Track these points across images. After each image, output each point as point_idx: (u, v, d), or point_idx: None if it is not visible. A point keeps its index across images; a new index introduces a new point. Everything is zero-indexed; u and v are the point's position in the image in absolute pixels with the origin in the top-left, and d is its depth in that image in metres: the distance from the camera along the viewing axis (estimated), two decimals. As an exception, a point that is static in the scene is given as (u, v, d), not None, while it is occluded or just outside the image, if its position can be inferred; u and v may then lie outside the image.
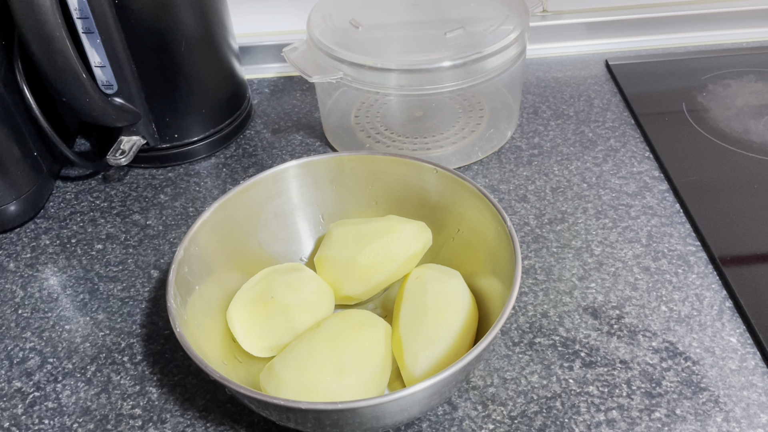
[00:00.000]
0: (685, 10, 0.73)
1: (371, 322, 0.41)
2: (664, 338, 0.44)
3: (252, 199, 0.45)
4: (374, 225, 0.45)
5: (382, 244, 0.44)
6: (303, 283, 0.43)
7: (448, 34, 0.55)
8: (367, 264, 0.44)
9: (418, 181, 0.47)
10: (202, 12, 0.56)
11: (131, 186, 0.60)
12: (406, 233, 0.45)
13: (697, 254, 0.49)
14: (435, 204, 0.47)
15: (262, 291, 0.43)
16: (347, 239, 0.45)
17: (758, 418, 0.39)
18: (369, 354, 0.39)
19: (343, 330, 0.39)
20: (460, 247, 0.46)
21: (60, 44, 0.47)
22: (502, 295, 0.40)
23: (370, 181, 0.48)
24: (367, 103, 0.66)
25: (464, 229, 0.46)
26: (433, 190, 0.46)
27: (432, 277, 0.43)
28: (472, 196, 0.44)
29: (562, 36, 0.74)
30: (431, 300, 0.41)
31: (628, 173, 0.57)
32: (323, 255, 0.46)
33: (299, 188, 0.48)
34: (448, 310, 0.41)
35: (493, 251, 0.42)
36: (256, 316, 0.42)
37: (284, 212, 0.48)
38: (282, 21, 0.73)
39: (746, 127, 0.61)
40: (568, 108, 0.65)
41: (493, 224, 0.42)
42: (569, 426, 0.39)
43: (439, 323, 0.40)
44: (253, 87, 0.72)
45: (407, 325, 0.41)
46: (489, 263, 0.43)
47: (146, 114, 0.57)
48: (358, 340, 0.39)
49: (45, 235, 0.55)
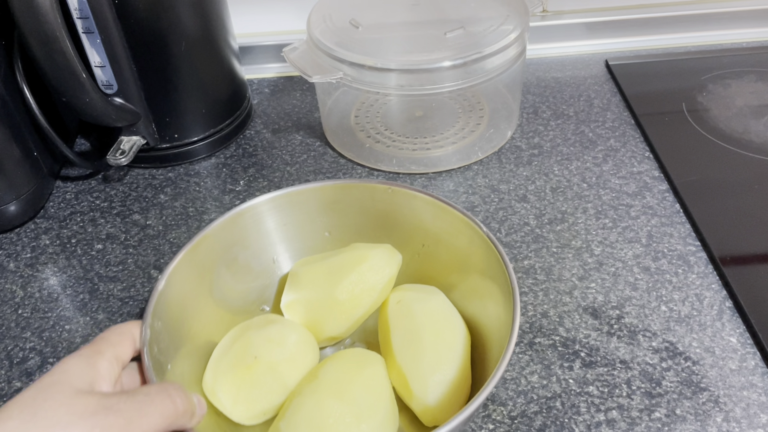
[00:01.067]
0: (685, 10, 0.73)
1: (368, 359, 0.39)
2: (664, 338, 0.44)
3: (201, 258, 0.41)
4: (342, 257, 0.43)
5: (358, 274, 0.42)
6: (284, 335, 0.40)
7: (448, 34, 0.55)
8: (347, 299, 0.41)
9: (372, 204, 0.45)
10: (202, 12, 0.56)
11: (131, 186, 0.60)
12: (377, 259, 0.43)
13: (697, 254, 0.49)
14: (393, 223, 0.45)
15: (242, 353, 0.39)
16: (317, 277, 0.43)
17: (758, 418, 0.39)
18: (377, 394, 0.37)
19: (344, 375, 0.37)
20: (427, 262, 0.45)
21: (60, 44, 0.47)
22: (492, 298, 0.39)
23: (320, 212, 0.46)
24: (367, 103, 0.66)
25: (429, 242, 0.45)
26: (390, 209, 0.45)
27: (414, 298, 0.42)
28: (435, 208, 0.43)
29: (562, 36, 0.74)
30: (422, 322, 0.40)
31: (628, 173, 0.57)
32: (294, 299, 0.43)
33: (246, 235, 0.44)
34: (443, 328, 0.40)
35: (467, 258, 0.42)
36: (241, 381, 0.38)
37: (236, 263, 0.44)
38: (282, 21, 0.73)
39: (746, 127, 0.61)
40: (568, 108, 0.65)
41: (465, 231, 0.42)
42: (569, 426, 0.39)
43: (438, 344, 0.39)
44: (253, 87, 0.72)
45: (405, 353, 0.39)
46: (464, 271, 0.43)
47: (146, 114, 0.57)
48: (363, 382, 0.37)
49: (45, 235, 0.55)
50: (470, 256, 0.42)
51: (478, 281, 0.42)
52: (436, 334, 0.39)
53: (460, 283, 0.43)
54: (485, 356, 0.40)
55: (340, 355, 0.40)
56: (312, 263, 0.44)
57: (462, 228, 0.42)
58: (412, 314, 0.40)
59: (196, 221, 0.55)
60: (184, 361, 0.38)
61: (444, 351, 0.39)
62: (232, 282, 0.44)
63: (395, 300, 0.42)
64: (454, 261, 0.43)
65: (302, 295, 0.43)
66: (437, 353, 0.38)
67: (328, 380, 0.37)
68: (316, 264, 0.44)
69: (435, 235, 0.44)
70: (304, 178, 0.59)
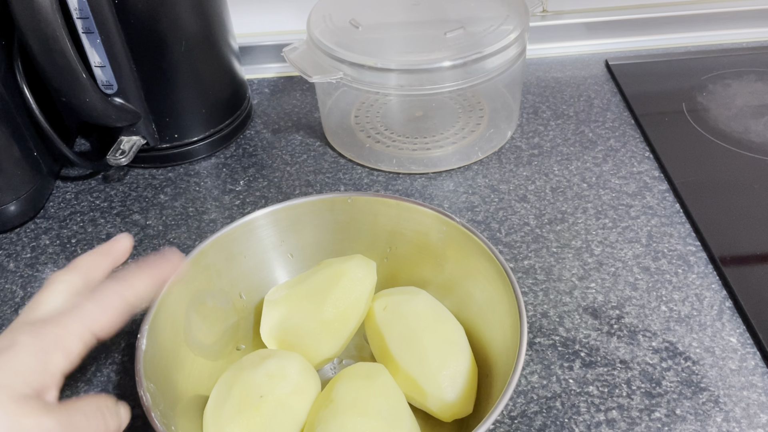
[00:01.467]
0: (685, 10, 0.73)
1: (374, 371, 0.38)
2: (664, 338, 0.44)
3: (173, 309, 0.39)
4: (318, 276, 0.42)
5: (341, 290, 0.41)
6: (284, 367, 0.38)
7: (448, 34, 0.55)
8: (334, 317, 0.40)
9: (332, 217, 0.44)
10: (202, 12, 0.56)
11: (131, 186, 0.60)
12: (356, 270, 0.41)
13: (697, 254, 0.49)
14: (356, 233, 0.45)
15: (245, 395, 0.37)
16: (297, 301, 0.41)
17: (758, 418, 0.39)
18: (395, 402, 0.37)
19: (359, 392, 0.36)
20: (397, 264, 0.45)
21: (60, 44, 0.47)
22: (478, 288, 0.40)
23: (280, 236, 0.45)
24: (367, 103, 0.66)
25: (396, 244, 0.44)
26: (350, 219, 0.44)
27: (400, 301, 0.41)
28: (400, 209, 0.43)
29: (562, 36, 0.74)
30: (415, 322, 0.39)
31: (628, 173, 0.57)
32: (279, 329, 0.41)
33: (209, 274, 0.42)
34: (437, 323, 0.40)
35: (442, 252, 0.42)
36: (252, 425, 0.36)
37: (205, 307, 0.41)
38: (282, 21, 0.73)
39: (746, 127, 0.61)
40: (568, 108, 0.65)
41: (435, 225, 0.42)
42: (569, 426, 0.39)
43: (438, 339, 0.39)
44: (253, 87, 0.72)
45: (407, 357, 0.39)
46: (439, 266, 0.43)
47: (146, 114, 0.57)
48: (379, 394, 0.36)
49: (45, 235, 0.55)
50: (445, 250, 0.42)
51: (458, 271, 0.42)
52: (433, 330, 0.39)
53: (435, 279, 0.44)
54: (482, 342, 0.40)
55: (346, 374, 0.38)
56: (287, 289, 0.43)
57: (431, 223, 0.42)
58: (403, 317, 0.40)
59: (196, 221, 0.55)
60: (183, 420, 0.36)
61: (446, 345, 0.39)
62: (204, 327, 0.41)
63: (381, 307, 0.42)
64: (428, 258, 0.43)
65: (288, 323, 0.41)
66: (440, 349, 0.39)
67: (345, 401, 0.36)
68: (292, 289, 0.42)
69: (402, 236, 0.44)
70: (304, 179, 0.59)
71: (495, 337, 0.39)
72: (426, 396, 0.38)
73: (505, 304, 0.38)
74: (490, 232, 0.52)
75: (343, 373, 0.39)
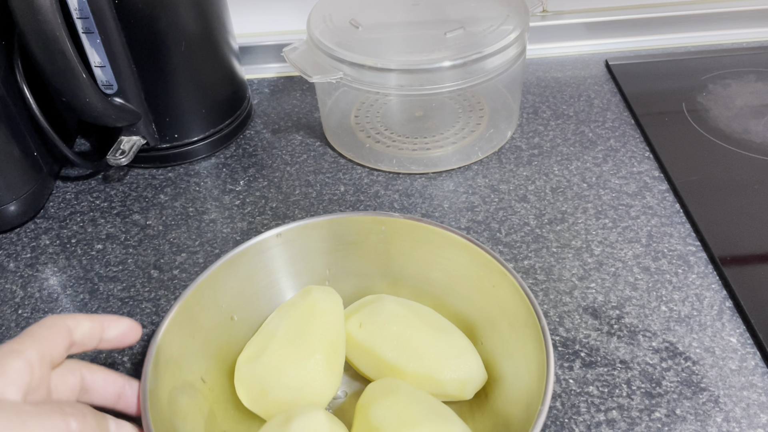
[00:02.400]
0: (685, 10, 0.73)
1: (391, 385, 0.37)
2: (664, 338, 0.44)
3: (158, 397, 0.35)
4: (286, 321, 0.40)
5: (319, 325, 0.39)
6: (313, 425, 0.35)
7: (448, 34, 0.55)
8: (326, 354, 0.38)
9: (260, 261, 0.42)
10: (202, 12, 0.56)
11: (131, 186, 0.60)
12: (322, 300, 0.40)
13: (697, 254, 0.49)
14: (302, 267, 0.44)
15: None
16: (280, 355, 0.38)
17: (758, 419, 0.39)
18: (430, 403, 0.36)
19: (395, 409, 0.35)
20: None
21: (60, 44, 0.47)
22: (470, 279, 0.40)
23: (220, 302, 0.41)
24: (367, 103, 0.66)
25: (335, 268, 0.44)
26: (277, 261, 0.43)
27: (370, 312, 0.41)
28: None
29: (562, 36, 0.74)
30: (397, 324, 0.39)
31: (628, 173, 0.57)
32: (272, 391, 0.38)
33: (170, 369, 0.37)
34: (417, 315, 0.40)
35: (375, 249, 0.43)
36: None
37: (179, 406, 0.36)
38: (282, 21, 0.73)
39: (746, 127, 0.61)
40: (568, 108, 0.65)
41: (373, 226, 0.42)
42: (569, 426, 0.39)
43: (427, 329, 0.39)
44: (253, 87, 0.72)
45: (407, 357, 0.38)
46: (380, 263, 0.43)
47: (146, 114, 0.57)
48: (413, 403, 0.36)
49: (45, 235, 0.55)
50: (378, 247, 0.42)
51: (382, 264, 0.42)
52: (417, 324, 0.40)
53: (380, 273, 0.44)
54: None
55: (369, 399, 0.37)
56: (256, 348, 0.39)
57: (370, 225, 0.42)
58: (383, 325, 0.40)
59: (196, 221, 0.55)
60: None
61: (436, 331, 0.39)
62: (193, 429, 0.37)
63: (356, 325, 0.41)
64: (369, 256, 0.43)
65: (278, 380, 0.38)
66: (433, 336, 0.39)
67: (390, 422, 0.35)
68: (263, 345, 0.39)
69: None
70: (304, 178, 0.59)
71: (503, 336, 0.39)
72: (443, 384, 0.38)
73: (526, 316, 0.37)
74: (490, 232, 0.52)
75: (363, 400, 0.37)
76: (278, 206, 0.56)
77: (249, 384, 0.39)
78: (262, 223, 0.55)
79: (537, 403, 0.32)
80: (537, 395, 0.33)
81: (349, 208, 0.55)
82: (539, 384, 0.33)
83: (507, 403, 0.37)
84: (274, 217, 0.55)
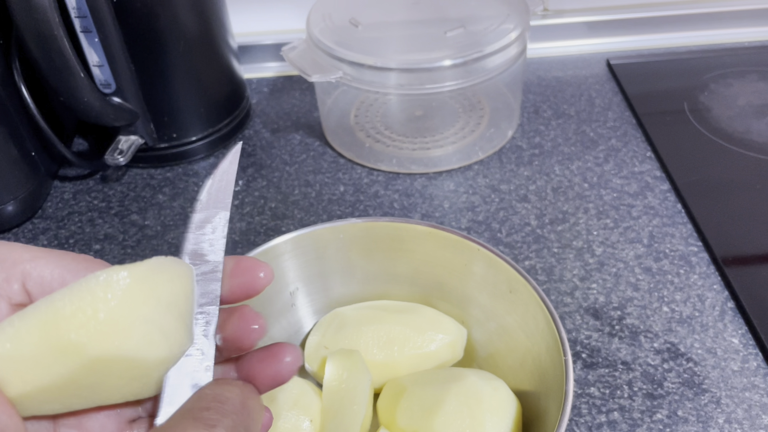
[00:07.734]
0: (686, 10, 0.73)
1: (394, 389, 0.38)
2: (665, 339, 0.43)
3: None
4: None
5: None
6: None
7: (449, 33, 0.55)
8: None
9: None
10: (201, 11, 0.55)
11: (129, 186, 0.59)
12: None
13: (699, 255, 0.49)
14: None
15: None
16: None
17: (760, 420, 0.39)
18: (442, 375, 0.38)
19: (419, 373, 0.38)
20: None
21: (58, 43, 0.47)
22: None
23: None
24: (366, 103, 0.66)
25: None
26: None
27: (329, 331, 0.40)
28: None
29: (563, 35, 0.74)
30: (361, 330, 0.39)
31: (629, 173, 0.57)
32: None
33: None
34: (371, 311, 0.41)
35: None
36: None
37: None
38: (281, 20, 0.73)
39: (748, 126, 0.61)
40: (569, 107, 0.65)
41: (332, 236, 0.41)
42: (570, 427, 0.39)
43: (396, 315, 0.40)
44: (252, 86, 0.71)
45: (394, 350, 0.39)
46: (343, 271, 0.42)
47: (144, 113, 0.57)
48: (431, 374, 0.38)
49: (43, 235, 0.55)
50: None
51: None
52: (387, 316, 0.40)
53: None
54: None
55: (387, 413, 0.37)
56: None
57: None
58: (355, 334, 0.40)
59: (195, 221, 0.55)
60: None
61: (406, 315, 0.40)
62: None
63: (324, 347, 0.41)
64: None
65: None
66: (407, 321, 0.40)
67: (419, 416, 0.35)
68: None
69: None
70: (303, 178, 0.58)
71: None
72: (435, 355, 0.39)
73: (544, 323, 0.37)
74: (490, 232, 0.52)
75: (383, 418, 0.38)
76: (277, 206, 0.56)
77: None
78: (261, 223, 0.54)
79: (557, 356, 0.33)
80: (545, 349, 0.35)
81: (349, 208, 0.55)
82: (545, 336, 0.35)
83: (511, 356, 0.39)
84: (273, 218, 0.55)
